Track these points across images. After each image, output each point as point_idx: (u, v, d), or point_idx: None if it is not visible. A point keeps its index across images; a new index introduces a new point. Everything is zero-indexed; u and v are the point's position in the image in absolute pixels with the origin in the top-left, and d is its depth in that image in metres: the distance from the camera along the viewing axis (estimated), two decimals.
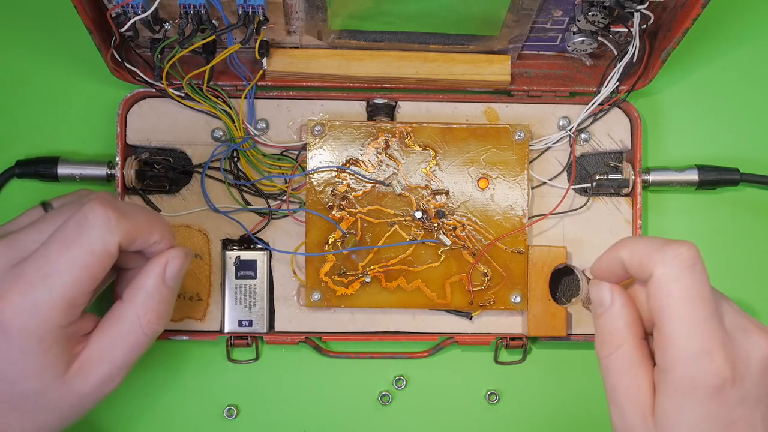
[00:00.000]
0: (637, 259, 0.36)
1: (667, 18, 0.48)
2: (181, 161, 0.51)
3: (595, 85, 0.52)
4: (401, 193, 0.50)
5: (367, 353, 0.52)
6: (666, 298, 0.34)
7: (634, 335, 0.37)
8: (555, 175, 0.52)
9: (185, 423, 0.52)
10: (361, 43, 0.50)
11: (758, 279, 0.54)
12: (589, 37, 0.48)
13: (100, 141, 0.52)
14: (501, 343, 0.52)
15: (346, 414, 0.52)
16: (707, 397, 0.34)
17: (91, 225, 0.37)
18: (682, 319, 0.34)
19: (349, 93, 0.51)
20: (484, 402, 0.53)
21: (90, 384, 0.39)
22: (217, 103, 0.50)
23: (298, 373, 0.52)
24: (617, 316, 0.37)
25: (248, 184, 0.50)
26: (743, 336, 0.35)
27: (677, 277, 0.34)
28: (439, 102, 0.52)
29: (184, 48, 0.46)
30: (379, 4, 0.46)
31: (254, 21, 0.44)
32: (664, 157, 0.54)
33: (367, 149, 0.50)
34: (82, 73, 0.53)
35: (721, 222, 0.54)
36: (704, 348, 0.34)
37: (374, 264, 0.50)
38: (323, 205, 0.50)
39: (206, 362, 0.52)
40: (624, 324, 0.37)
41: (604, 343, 0.37)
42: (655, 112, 0.55)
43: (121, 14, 0.44)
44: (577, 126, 0.52)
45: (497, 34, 0.49)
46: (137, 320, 0.40)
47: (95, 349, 0.39)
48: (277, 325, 0.51)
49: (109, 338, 0.40)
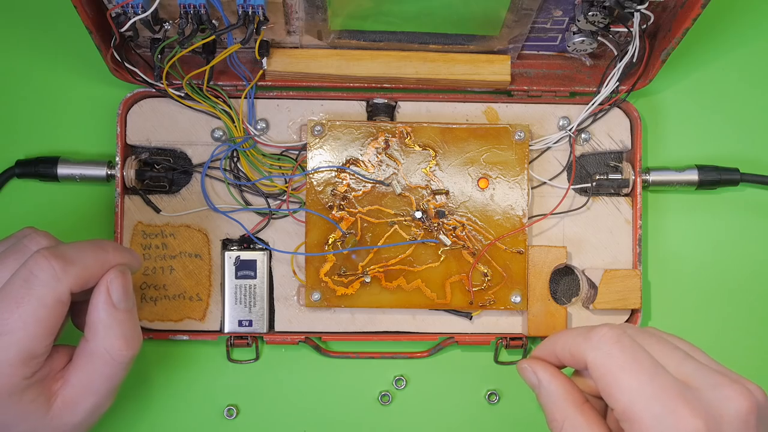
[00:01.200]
0: (568, 352, 0.37)
1: (667, 18, 0.48)
2: (181, 161, 0.51)
3: (595, 85, 0.52)
4: (401, 193, 0.50)
5: (367, 353, 0.52)
6: (607, 375, 0.35)
7: (574, 403, 0.37)
8: (555, 175, 0.52)
9: (185, 423, 0.52)
10: (361, 43, 0.50)
11: (758, 279, 0.54)
12: (589, 37, 0.48)
13: (100, 141, 0.52)
14: (501, 343, 0.52)
15: (346, 414, 0.52)
16: None
17: (37, 278, 0.37)
18: (631, 386, 0.34)
19: (349, 93, 0.51)
20: (484, 402, 0.53)
21: (80, 416, 0.40)
22: (217, 103, 0.50)
23: (298, 373, 0.52)
24: (549, 392, 0.38)
25: (248, 184, 0.50)
26: (714, 391, 0.34)
27: (609, 353, 0.35)
28: (439, 102, 0.52)
29: (184, 48, 0.46)
30: (379, 4, 0.46)
31: (254, 21, 0.44)
32: (664, 157, 0.54)
33: (367, 149, 0.50)
34: (82, 73, 0.53)
35: (721, 222, 0.54)
36: (665, 406, 0.34)
37: (374, 264, 0.50)
38: (323, 205, 0.50)
39: (206, 362, 0.52)
40: (559, 397, 0.37)
41: (550, 422, 0.38)
42: (655, 112, 0.55)
43: (121, 14, 0.44)
44: (577, 126, 0.52)
45: (497, 34, 0.49)
46: (107, 354, 0.40)
47: (76, 386, 0.39)
48: (277, 325, 0.51)
49: (86, 373, 0.40)
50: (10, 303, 0.37)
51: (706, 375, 0.35)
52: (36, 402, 0.38)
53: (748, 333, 0.54)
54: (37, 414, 0.38)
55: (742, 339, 0.54)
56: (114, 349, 0.40)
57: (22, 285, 0.37)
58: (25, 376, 0.37)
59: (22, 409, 0.38)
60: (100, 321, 0.40)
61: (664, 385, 0.34)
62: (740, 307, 0.54)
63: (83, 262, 0.39)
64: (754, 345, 0.54)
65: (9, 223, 0.52)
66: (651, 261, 0.54)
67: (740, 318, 0.54)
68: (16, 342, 0.37)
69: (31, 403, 0.38)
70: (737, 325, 0.54)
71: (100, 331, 0.40)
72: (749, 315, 0.54)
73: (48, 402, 0.39)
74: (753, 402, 0.34)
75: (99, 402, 0.40)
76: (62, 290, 0.38)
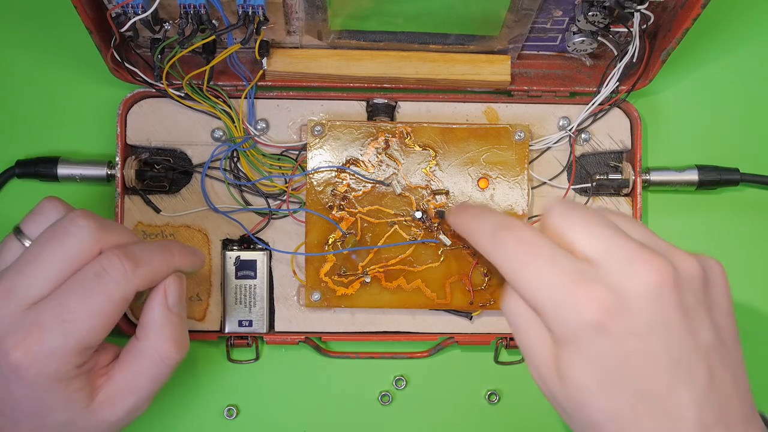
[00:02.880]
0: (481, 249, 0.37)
1: (667, 18, 0.48)
2: (181, 161, 0.51)
3: (595, 85, 0.52)
4: (401, 193, 0.50)
5: (367, 353, 0.52)
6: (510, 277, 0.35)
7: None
8: (555, 175, 0.52)
9: (185, 423, 0.52)
10: (361, 43, 0.50)
11: (758, 279, 0.54)
12: (589, 37, 0.48)
13: (100, 141, 0.52)
14: (501, 343, 0.52)
15: (346, 414, 0.52)
16: (589, 338, 0.33)
17: (109, 275, 0.38)
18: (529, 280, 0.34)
19: (349, 93, 0.51)
20: (484, 402, 0.53)
21: (118, 414, 0.40)
22: (217, 103, 0.50)
23: (298, 373, 0.52)
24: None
25: (248, 184, 0.50)
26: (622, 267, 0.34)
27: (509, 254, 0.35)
28: (439, 102, 0.52)
29: (184, 48, 0.46)
30: (379, 4, 0.46)
31: (254, 21, 0.44)
32: (664, 157, 0.54)
33: (367, 149, 0.50)
34: (82, 73, 0.53)
35: (721, 222, 0.54)
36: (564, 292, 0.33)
37: (374, 264, 0.50)
38: (323, 205, 0.50)
39: (206, 362, 0.52)
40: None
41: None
42: (655, 112, 0.55)
43: (121, 14, 0.44)
44: (577, 126, 0.52)
45: (497, 34, 0.49)
46: (156, 354, 0.41)
47: (120, 383, 0.40)
48: (277, 325, 0.51)
49: (132, 373, 0.40)
50: (80, 294, 0.38)
51: (618, 251, 0.34)
52: (80, 392, 0.39)
53: (748, 333, 0.54)
54: (78, 404, 0.39)
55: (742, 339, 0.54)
56: (164, 351, 0.40)
57: (93, 278, 0.38)
58: (76, 364, 0.38)
59: (66, 396, 0.38)
60: (155, 322, 0.41)
61: (564, 270, 0.34)
62: (740, 307, 0.54)
63: (151, 264, 0.40)
64: (754, 345, 0.54)
65: (9, 223, 0.51)
66: None
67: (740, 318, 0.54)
68: (78, 331, 0.37)
69: (76, 393, 0.38)
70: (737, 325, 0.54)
71: (152, 332, 0.41)
72: (749, 315, 0.54)
73: (91, 395, 0.39)
74: (666, 274, 0.33)
75: (139, 403, 0.41)
76: (130, 289, 0.39)
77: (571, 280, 0.33)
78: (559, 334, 0.34)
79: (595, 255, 0.34)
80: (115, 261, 0.38)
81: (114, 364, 0.41)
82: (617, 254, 0.34)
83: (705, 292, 0.35)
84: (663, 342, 0.33)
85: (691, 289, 0.35)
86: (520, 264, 0.35)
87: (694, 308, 0.35)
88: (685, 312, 0.34)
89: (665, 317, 0.34)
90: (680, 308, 0.34)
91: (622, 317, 0.33)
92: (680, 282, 0.34)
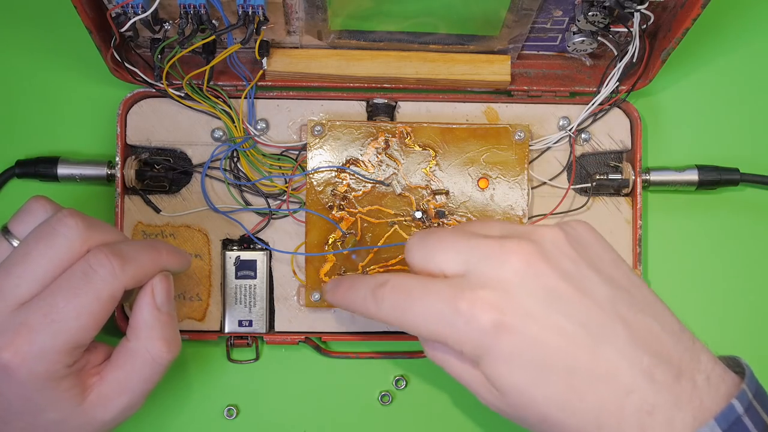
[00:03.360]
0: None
1: (667, 18, 0.48)
2: (181, 161, 0.51)
3: (595, 85, 0.52)
4: (401, 193, 0.50)
5: (367, 353, 0.52)
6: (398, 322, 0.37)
7: None
8: (555, 175, 0.52)
9: (185, 423, 0.52)
10: (361, 43, 0.50)
11: (758, 279, 0.54)
12: (589, 37, 0.48)
13: (100, 141, 0.52)
14: None
15: (346, 414, 0.52)
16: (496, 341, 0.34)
17: (96, 273, 0.38)
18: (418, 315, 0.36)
19: (349, 93, 0.51)
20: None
21: (111, 413, 0.40)
22: (217, 103, 0.50)
23: (298, 373, 0.52)
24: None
25: (248, 184, 0.50)
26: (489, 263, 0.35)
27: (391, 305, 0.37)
28: (439, 102, 0.52)
29: (184, 48, 0.46)
30: (379, 4, 0.46)
31: (254, 21, 0.44)
32: (664, 157, 0.54)
33: (367, 149, 0.50)
34: (82, 73, 0.53)
35: (721, 222, 0.54)
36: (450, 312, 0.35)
37: (374, 264, 0.50)
38: (323, 205, 0.50)
39: (206, 362, 0.52)
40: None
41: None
42: (655, 112, 0.55)
43: (121, 14, 0.44)
44: (577, 126, 0.52)
45: (497, 34, 0.49)
46: (148, 354, 0.41)
47: (112, 383, 0.40)
48: (277, 325, 0.51)
49: (125, 373, 0.40)
50: (68, 293, 0.38)
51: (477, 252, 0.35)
52: (71, 391, 0.39)
53: (748, 333, 0.54)
54: (70, 403, 0.39)
55: (742, 339, 0.54)
56: (155, 350, 0.40)
57: (81, 277, 0.38)
58: (66, 364, 0.38)
59: (57, 396, 0.38)
60: (144, 322, 0.41)
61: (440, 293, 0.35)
62: (740, 307, 0.54)
63: (139, 262, 0.40)
64: (753, 345, 0.54)
65: None
66: (651, 261, 0.54)
67: (740, 318, 0.54)
68: (66, 330, 0.37)
69: (66, 392, 0.38)
70: (737, 325, 0.54)
71: (143, 332, 0.41)
72: (749, 315, 0.54)
73: (82, 394, 0.39)
74: (530, 252, 0.34)
75: (131, 402, 0.41)
76: (118, 287, 0.38)
77: (450, 297, 0.34)
78: (471, 352, 0.35)
79: (461, 266, 0.35)
80: (103, 259, 0.38)
81: (106, 364, 0.41)
82: (479, 255, 0.35)
83: (580, 253, 0.36)
84: (562, 312, 0.34)
85: (562, 255, 0.35)
86: (403, 311, 0.36)
87: (575, 271, 0.35)
88: (568, 277, 0.34)
89: (551, 289, 0.34)
90: (561, 275, 0.34)
91: (512, 307, 0.34)
92: (547, 253, 0.35)
